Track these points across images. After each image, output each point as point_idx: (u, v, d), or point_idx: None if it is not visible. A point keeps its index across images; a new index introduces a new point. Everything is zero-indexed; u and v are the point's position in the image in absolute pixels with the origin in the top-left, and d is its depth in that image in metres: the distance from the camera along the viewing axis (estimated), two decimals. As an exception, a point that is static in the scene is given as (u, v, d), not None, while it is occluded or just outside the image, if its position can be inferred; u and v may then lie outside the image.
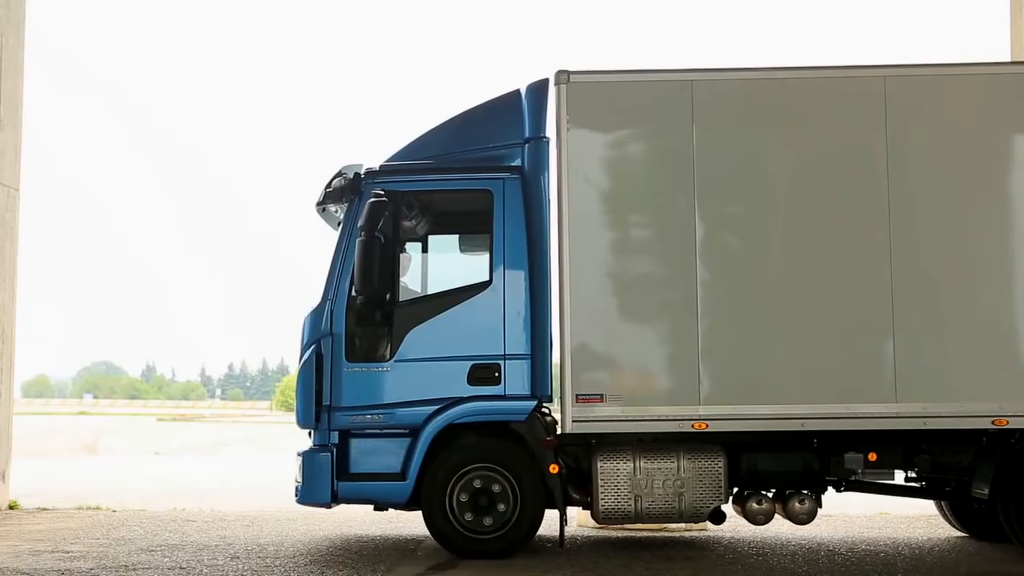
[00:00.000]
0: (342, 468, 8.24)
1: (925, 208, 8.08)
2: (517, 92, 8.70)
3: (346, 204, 8.53)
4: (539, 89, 8.59)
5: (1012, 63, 11.05)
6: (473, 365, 8.20)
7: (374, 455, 8.25)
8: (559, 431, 8.22)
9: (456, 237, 9.12)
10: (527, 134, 8.53)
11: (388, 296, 8.36)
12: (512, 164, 8.48)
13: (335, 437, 8.24)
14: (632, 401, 7.99)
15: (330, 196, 8.67)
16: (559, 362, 8.16)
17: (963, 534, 9.53)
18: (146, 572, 7.66)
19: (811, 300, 8.06)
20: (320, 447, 8.34)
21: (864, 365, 7.99)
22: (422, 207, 8.55)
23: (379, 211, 8.10)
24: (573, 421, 7.99)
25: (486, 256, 8.42)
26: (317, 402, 8.24)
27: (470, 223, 8.71)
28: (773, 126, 8.24)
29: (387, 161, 8.69)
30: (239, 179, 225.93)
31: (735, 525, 9.86)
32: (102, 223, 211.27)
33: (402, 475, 8.16)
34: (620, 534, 9.71)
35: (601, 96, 8.22)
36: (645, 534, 9.69)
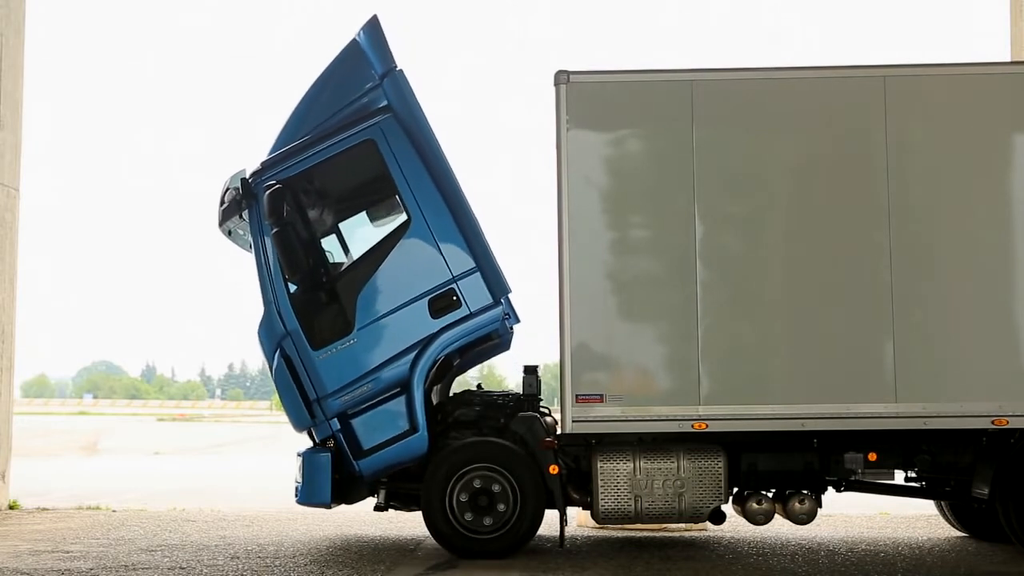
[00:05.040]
0: (356, 448, 8.26)
1: (925, 208, 8.09)
2: (354, 40, 8.69)
3: (247, 212, 8.54)
4: (372, 26, 8.63)
5: (1012, 63, 11.06)
6: (429, 300, 8.27)
7: (380, 423, 8.28)
8: (559, 431, 8.23)
9: (361, 197, 9.03)
10: (379, 71, 8.54)
11: (323, 275, 8.42)
12: (380, 106, 8.49)
13: (336, 424, 8.27)
14: (632, 401, 7.99)
15: (228, 212, 8.68)
16: (559, 362, 8.16)
17: (963, 534, 9.52)
18: (146, 572, 7.66)
19: (811, 300, 8.06)
20: (320, 447, 8.38)
21: (864, 365, 7.99)
22: (317, 182, 8.58)
23: (279, 199, 8.10)
24: (573, 421, 7.99)
25: (397, 202, 8.50)
26: (304, 400, 8.29)
27: (368, 177, 8.65)
28: (773, 126, 8.24)
29: (267, 156, 8.64)
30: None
31: (735, 525, 9.86)
32: (102, 223, 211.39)
33: (413, 428, 8.21)
34: (620, 534, 9.70)
35: (601, 96, 8.22)
36: (645, 534, 9.69)
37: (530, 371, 8.68)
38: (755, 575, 7.64)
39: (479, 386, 9.35)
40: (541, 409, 8.61)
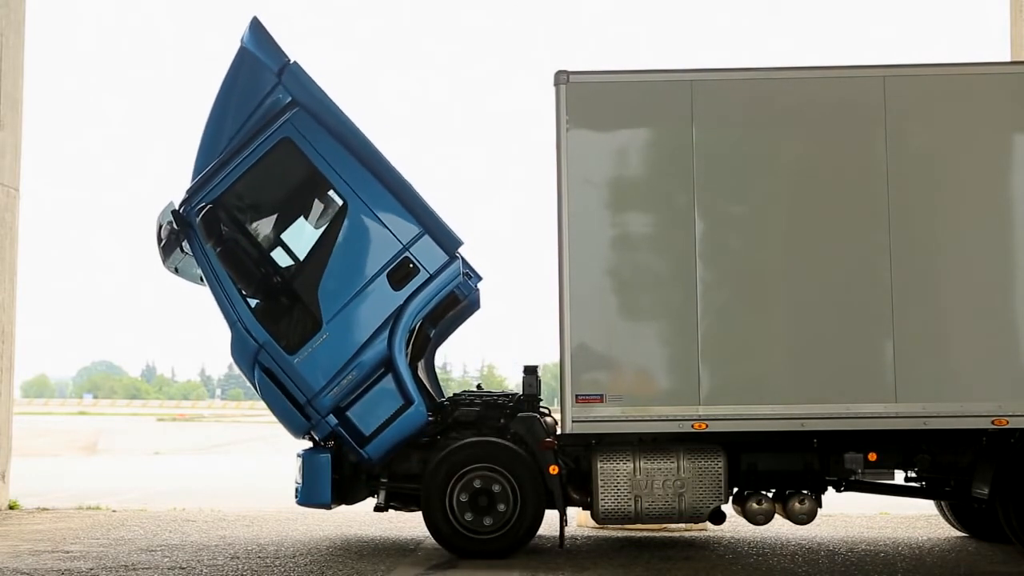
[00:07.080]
0: (359, 437, 8.30)
1: (925, 208, 8.09)
2: (242, 47, 8.67)
3: (187, 244, 8.53)
4: (255, 28, 8.64)
5: (1012, 63, 11.06)
6: (387, 274, 8.34)
7: (374, 406, 8.34)
8: (559, 431, 8.23)
9: (294, 194, 8.99)
10: (275, 69, 8.55)
11: (279, 280, 8.46)
12: (286, 103, 8.50)
13: (333, 420, 8.32)
14: (632, 401, 7.99)
15: (168, 248, 8.69)
16: (559, 362, 8.17)
17: (963, 534, 9.52)
18: (146, 572, 7.66)
19: (811, 300, 8.06)
20: (319, 447, 8.42)
21: (864, 365, 7.99)
22: (247, 193, 8.59)
23: (214, 218, 8.15)
24: (573, 421, 7.99)
25: (329, 190, 8.57)
26: (296, 406, 8.33)
27: (294, 174, 8.65)
28: (773, 126, 8.25)
29: (191, 183, 8.61)
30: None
31: (735, 525, 9.86)
32: (102, 223, 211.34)
33: (408, 402, 8.29)
34: (620, 534, 9.70)
35: (601, 96, 8.22)
36: (645, 534, 9.69)
37: (530, 371, 8.68)
38: (755, 575, 7.64)
39: (479, 386, 9.37)
40: (541, 409, 8.61)
